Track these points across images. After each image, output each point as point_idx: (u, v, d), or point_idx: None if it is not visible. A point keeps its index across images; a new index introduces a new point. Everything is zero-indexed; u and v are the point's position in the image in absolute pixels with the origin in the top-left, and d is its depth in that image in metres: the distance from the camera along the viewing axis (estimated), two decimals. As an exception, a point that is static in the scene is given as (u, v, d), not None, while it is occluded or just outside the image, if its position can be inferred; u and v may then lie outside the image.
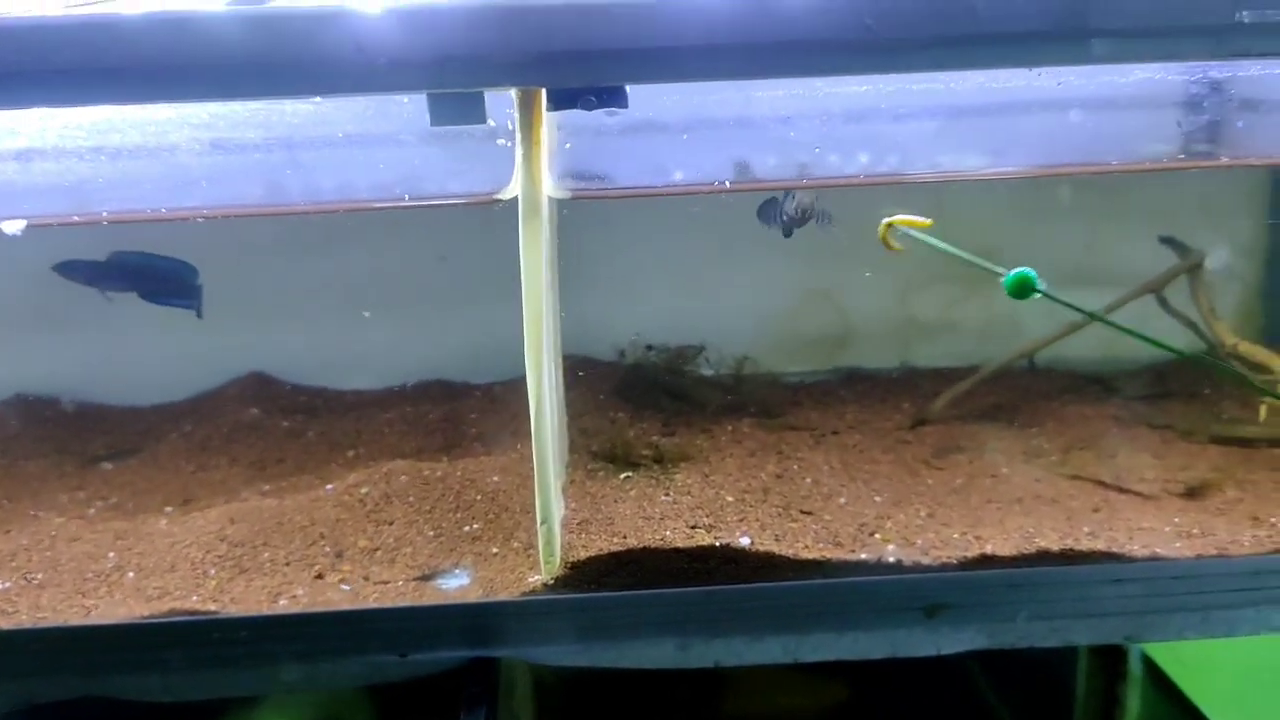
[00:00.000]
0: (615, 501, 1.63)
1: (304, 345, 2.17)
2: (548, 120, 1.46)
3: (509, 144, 1.33)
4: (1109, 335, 2.14)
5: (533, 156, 1.32)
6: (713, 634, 1.46)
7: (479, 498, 1.70)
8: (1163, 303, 1.94)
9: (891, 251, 1.42)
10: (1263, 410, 1.74)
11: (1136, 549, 1.50)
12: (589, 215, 2.18)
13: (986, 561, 1.49)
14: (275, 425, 2.00)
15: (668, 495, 1.66)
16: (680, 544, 1.48)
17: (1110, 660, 2.32)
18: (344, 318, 2.14)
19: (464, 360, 2.21)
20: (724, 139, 1.66)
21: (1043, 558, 1.49)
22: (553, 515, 1.44)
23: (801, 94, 1.48)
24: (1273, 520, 1.59)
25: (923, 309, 2.27)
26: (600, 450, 1.86)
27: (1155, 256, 2.03)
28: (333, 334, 2.15)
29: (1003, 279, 1.19)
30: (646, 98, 1.52)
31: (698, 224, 2.18)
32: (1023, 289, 1.18)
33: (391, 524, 1.64)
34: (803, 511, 1.65)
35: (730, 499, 1.67)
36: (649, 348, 2.10)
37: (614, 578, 1.46)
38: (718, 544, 1.48)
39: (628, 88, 1.31)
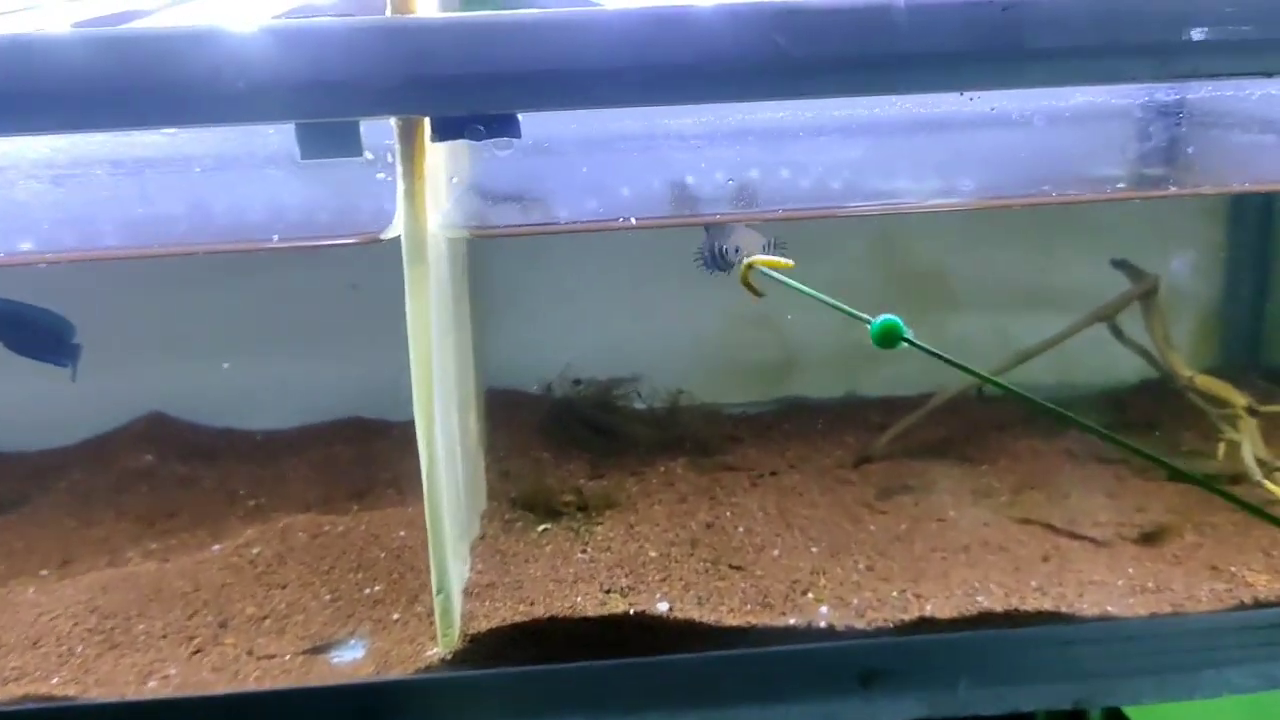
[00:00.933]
0: (527, 561, 1.50)
1: (209, 382, 2.03)
2: (446, 150, 1.34)
3: (389, 178, 1.20)
4: (1063, 362, 2.06)
5: (415, 192, 1.19)
6: (627, 711, 1.33)
7: (383, 555, 1.56)
8: (1115, 331, 1.84)
9: (753, 296, 1.31)
10: (1220, 448, 1.64)
11: (1086, 607, 1.39)
12: (512, 243, 2.06)
13: (926, 624, 1.37)
14: (171, 473, 1.86)
15: (585, 552, 1.53)
16: (591, 612, 1.35)
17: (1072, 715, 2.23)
18: (252, 351, 2.00)
19: (381, 396, 2.07)
20: (645, 166, 1.53)
21: (986, 619, 1.38)
22: (450, 583, 1.31)
23: (728, 120, 1.36)
24: (1233, 569, 1.48)
25: (866, 333, 2.15)
26: (520, 498, 1.73)
27: (1108, 278, 1.92)
28: (241, 369, 2.01)
29: (869, 326, 1.06)
30: (558, 123, 1.41)
31: (630, 249, 2.06)
32: (889, 338, 1.05)
33: (284, 588, 1.50)
34: (732, 566, 1.53)
35: (654, 554, 1.54)
36: (576, 382, 1.98)
37: (518, 650, 1.34)
38: (632, 612, 1.36)
39: (520, 115, 1.18)
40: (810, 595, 1.45)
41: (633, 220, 1.36)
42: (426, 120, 1.18)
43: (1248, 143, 1.40)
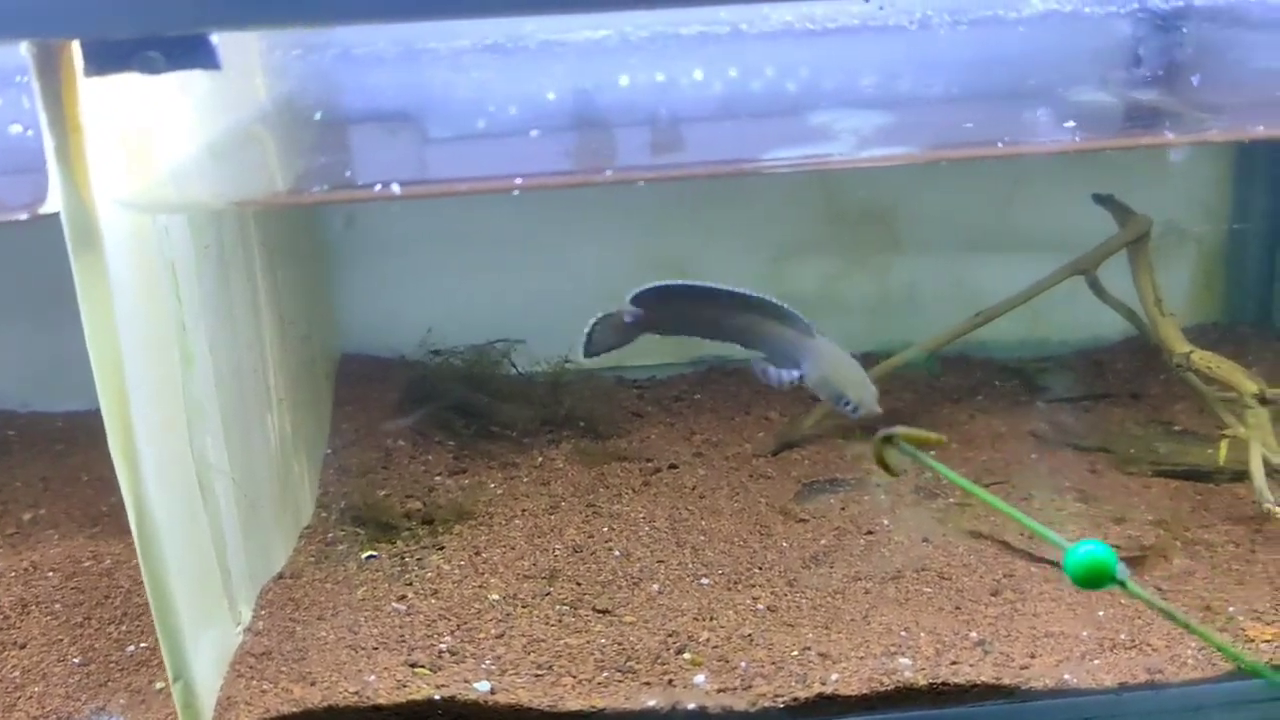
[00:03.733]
0: (322, 616, 1.17)
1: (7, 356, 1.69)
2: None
3: (30, 131, 0.84)
4: (1032, 315, 1.71)
5: (71, 151, 0.83)
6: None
7: (157, 598, 1.24)
8: (1095, 286, 1.48)
9: (888, 476, 0.92)
10: (1222, 448, 1.30)
11: (1036, 676, 1.07)
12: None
13: (826, 705, 1.05)
14: (-65, 476, 1.53)
15: (404, 600, 1.20)
16: (385, 698, 1.03)
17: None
18: (56, 318, 1.65)
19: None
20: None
21: (905, 697, 1.06)
22: (190, 668, 0.99)
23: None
24: (1230, 609, 1.16)
25: (800, 284, 1.80)
26: (352, 508, 1.41)
27: (1091, 218, 1.55)
28: (43, 339, 1.66)
29: (1063, 555, 0.68)
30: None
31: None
32: (1096, 576, 0.67)
33: (23, 648, 1.18)
34: (597, 610, 1.21)
35: (496, 596, 1.22)
36: (435, 353, 1.62)
37: (289, 749, 1.02)
38: (439, 697, 1.03)
39: (215, 38, 0.81)
40: (687, 655, 1.13)
41: (394, 189, 0.98)
42: (74, 46, 0.80)
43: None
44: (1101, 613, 1.17)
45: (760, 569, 1.29)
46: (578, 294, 1.74)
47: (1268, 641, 1.11)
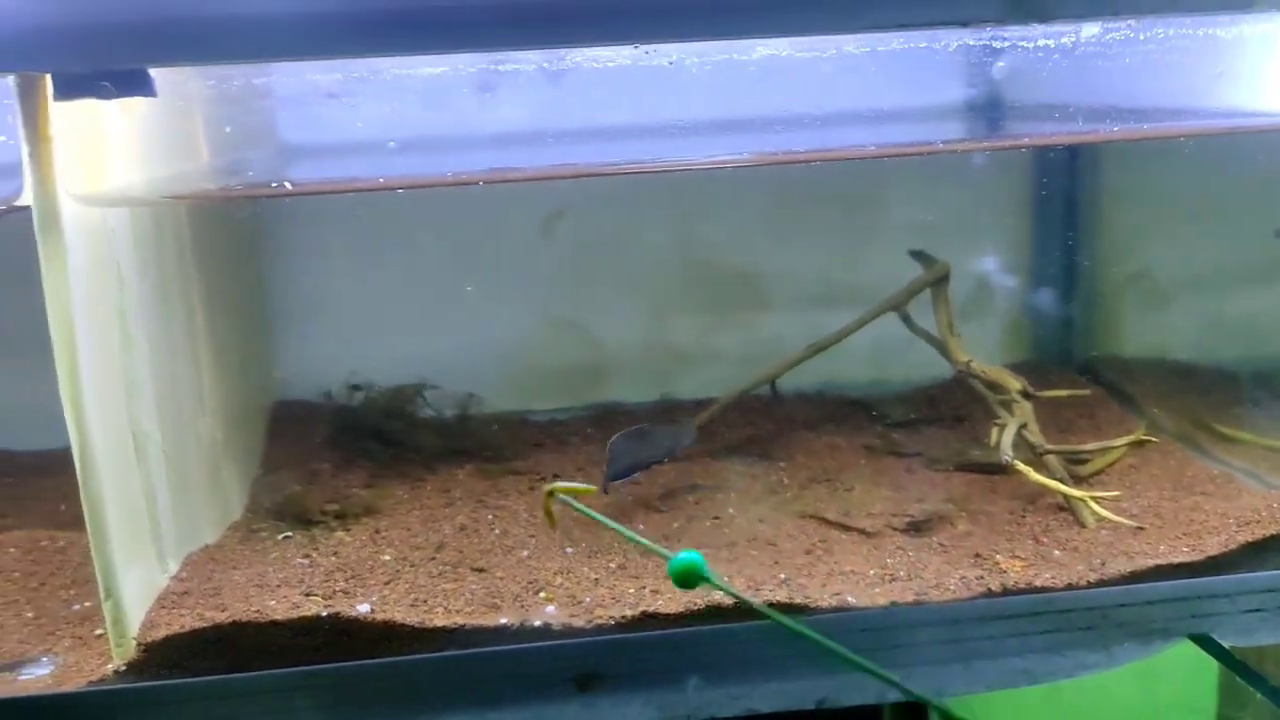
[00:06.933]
0: (238, 567, 1.39)
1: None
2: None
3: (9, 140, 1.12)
4: (877, 357, 1.99)
5: (41, 156, 1.10)
6: (317, 721, 1.23)
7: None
8: (906, 320, 1.76)
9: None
10: (994, 433, 1.56)
11: (825, 598, 1.30)
12: (302, 242, 1.98)
13: (648, 621, 1.28)
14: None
15: (308, 556, 1.43)
16: (281, 615, 1.25)
17: (912, 712, 2.14)
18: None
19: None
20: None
21: (714, 614, 1.28)
22: (119, 588, 1.21)
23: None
24: (997, 557, 1.40)
25: (680, 336, 2.08)
26: (274, 507, 1.63)
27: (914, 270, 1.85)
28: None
29: (668, 561, 0.95)
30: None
31: (436, 246, 1.99)
32: (688, 578, 0.93)
33: (-17, 605, 1.39)
34: (474, 569, 1.43)
35: (387, 558, 1.44)
36: (355, 388, 1.88)
37: (200, 660, 1.23)
38: (324, 614, 1.25)
39: (153, 71, 1.10)
40: (542, 594, 1.35)
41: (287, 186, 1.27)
42: (48, 77, 1.10)
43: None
44: (890, 560, 1.41)
45: (620, 542, 1.51)
46: (485, 346, 2.03)
47: (1017, 572, 1.35)
